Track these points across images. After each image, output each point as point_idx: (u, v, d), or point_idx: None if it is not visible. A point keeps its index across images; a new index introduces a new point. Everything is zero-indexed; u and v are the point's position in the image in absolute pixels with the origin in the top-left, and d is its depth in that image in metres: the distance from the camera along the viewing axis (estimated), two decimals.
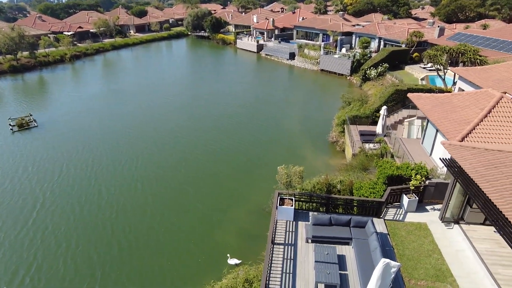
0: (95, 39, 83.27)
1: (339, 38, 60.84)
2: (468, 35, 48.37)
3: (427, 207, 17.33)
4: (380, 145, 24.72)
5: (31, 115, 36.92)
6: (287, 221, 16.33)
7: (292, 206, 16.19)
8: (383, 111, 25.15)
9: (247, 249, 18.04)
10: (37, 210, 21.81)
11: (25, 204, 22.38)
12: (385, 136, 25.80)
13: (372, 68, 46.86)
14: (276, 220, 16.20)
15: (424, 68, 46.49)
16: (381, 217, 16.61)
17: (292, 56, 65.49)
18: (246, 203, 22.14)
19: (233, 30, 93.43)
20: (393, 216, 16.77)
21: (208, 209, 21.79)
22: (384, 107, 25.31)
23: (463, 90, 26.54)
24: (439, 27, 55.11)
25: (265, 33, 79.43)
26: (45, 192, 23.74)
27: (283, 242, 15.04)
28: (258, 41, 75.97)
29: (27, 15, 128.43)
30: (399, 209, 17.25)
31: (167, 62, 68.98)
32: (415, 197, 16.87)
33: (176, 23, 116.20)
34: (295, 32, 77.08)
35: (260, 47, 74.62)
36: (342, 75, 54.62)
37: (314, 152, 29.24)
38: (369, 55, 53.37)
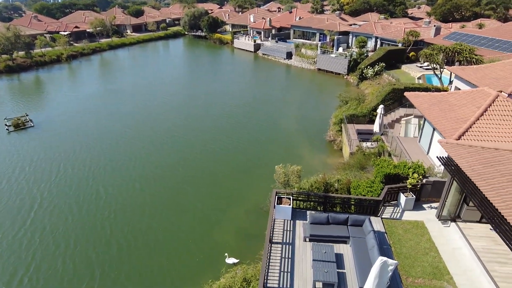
0: (92, 39, 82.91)
1: (336, 38, 61.00)
2: (464, 34, 48.62)
3: (424, 205, 17.41)
4: (377, 143, 24.78)
5: (27, 115, 36.72)
6: (285, 220, 16.34)
7: (290, 205, 16.21)
8: (380, 110, 25.22)
9: (245, 248, 18.07)
10: (35, 210, 21.72)
11: (22, 204, 22.28)
12: (382, 134, 25.87)
13: (369, 67, 47.02)
14: (274, 219, 16.21)
15: (420, 67, 46.66)
16: (378, 215, 16.67)
17: (289, 55, 65.56)
18: (244, 203, 22.17)
19: (230, 30, 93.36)
20: (390, 215, 16.83)
21: (206, 208, 21.79)
22: (381, 106, 25.38)
23: (459, 89, 26.66)
24: (435, 26, 55.35)
25: (262, 32, 79.43)
26: (42, 192, 23.65)
27: (281, 241, 15.05)
28: (255, 41, 75.95)
29: (23, 14, 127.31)
30: (396, 208, 17.32)
31: (164, 62, 68.79)
32: (412, 196, 16.94)
33: (173, 22, 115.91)
34: (292, 32, 77.12)
35: (257, 47, 74.62)
36: (339, 74, 54.74)
37: (311, 151, 29.30)
38: (365, 54, 53.47)
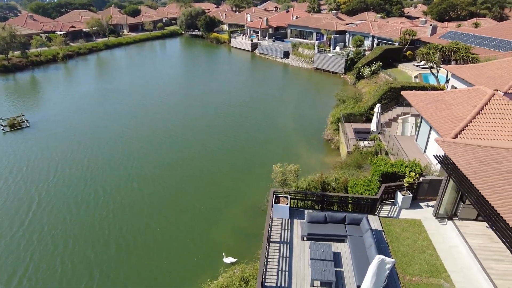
0: (88, 38, 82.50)
1: (332, 37, 61.03)
2: (460, 33, 48.80)
3: (421, 203, 17.49)
4: (375, 142, 24.86)
5: (23, 115, 36.50)
6: (282, 219, 16.37)
7: (288, 204, 16.24)
8: (377, 108, 25.27)
9: (243, 247, 18.05)
10: (33, 210, 21.62)
11: (20, 205, 22.17)
12: (379, 133, 25.94)
13: (366, 66, 47.12)
14: (272, 218, 16.23)
15: (417, 66, 46.81)
16: (375, 214, 16.73)
17: (286, 54, 65.56)
18: (242, 202, 22.17)
19: (227, 29, 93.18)
20: (387, 213, 16.89)
21: (204, 207, 21.77)
22: (378, 105, 25.43)
23: (455, 88, 26.78)
24: (431, 25, 55.49)
25: (259, 32, 79.38)
26: (40, 192, 23.54)
27: (278, 240, 15.07)
28: (252, 40, 75.92)
29: (18, 14, 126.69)
30: (393, 206, 17.38)
31: (161, 61, 68.60)
32: (409, 194, 17.02)
33: (170, 22, 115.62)
34: (289, 31, 77.12)
35: (254, 46, 74.57)
36: (336, 73, 54.82)
37: (309, 150, 29.33)
38: (362, 53, 53.61)
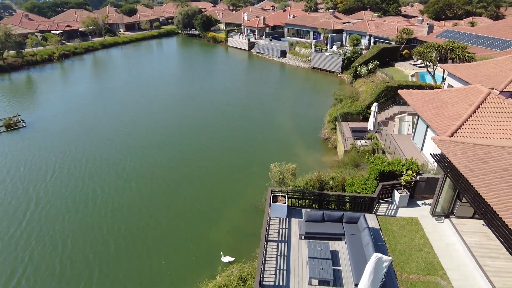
0: (84, 38, 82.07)
1: (329, 36, 61.11)
2: (456, 32, 48.98)
3: (418, 202, 17.57)
4: (372, 141, 24.93)
5: (19, 115, 36.28)
6: (280, 218, 16.39)
7: (285, 203, 16.25)
8: (374, 107, 25.34)
9: (241, 246, 18.06)
10: (31, 210, 21.52)
11: (18, 205, 22.07)
12: (376, 132, 26.02)
13: (363, 65, 47.19)
14: (270, 217, 16.25)
15: (414, 65, 46.98)
16: (373, 212, 16.79)
17: (283, 54, 65.56)
18: (240, 201, 22.17)
19: (224, 28, 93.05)
20: (385, 212, 16.96)
21: (202, 207, 21.76)
22: (375, 104, 25.50)
23: (452, 86, 26.90)
24: (428, 24, 55.69)
25: (256, 31, 79.30)
26: (38, 192, 23.44)
27: (276, 239, 15.10)
28: (249, 39, 75.83)
29: (13, 13, 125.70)
30: (390, 205, 17.45)
31: (158, 61, 68.36)
32: (406, 193, 17.09)
33: (167, 21, 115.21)
34: (286, 30, 77.12)
35: (251, 45, 74.51)
36: (333, 72, 54.89)
37: (306, 149, 29.37)
38: (359, 52, 53.70)
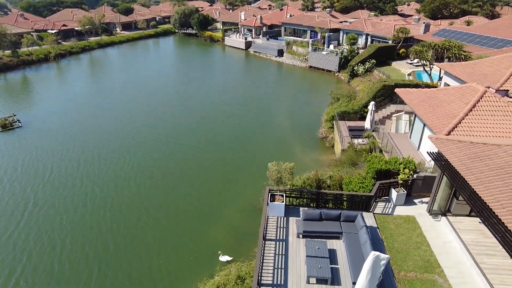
0: (80, 37, 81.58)
1: (326, 35, 61.18)
2: (452, 31, 49.19)
3: (415, 200, 17.65)
4: (369, 140, 25.00)
5: (14, 115, 36.00)
6: (278, 217, 16.41)
7: (283, 202, 16.27)
8: (371, 106, 25.41)
9: (239, 246, 18.10)
10: (29, 210, 21.43)
11: (16, 205, 21.96)
12: (373, 131, 26.09)
13: (360, 64, 47.30)
14: (267, 216, 16.26)
15: (410, 63, 47.15)
16: (370, 211, 16.85)
17: (280, 53, 65.56)
18: (238, 200, 22.19)
19: (221, 27, 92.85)
20: (382, 210, 17.02)
21: (201, 206, 21.76)
22: (372, 103, 25.56)
23: (448, 85, 27.03)
24: (424, 23, 55.91)
25: (253, 30, 79.22)
26: (36, 192, 23.35)
27: (274, 238, 15.12)
28: (246, 38, 75.76)
29: (8, 13, 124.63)
30: (388, 203, 17.52)
31: (155, 60, 68.12)
32: (404, 191, 17.16)
33: (163, 20, 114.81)
34: (283, 29, 77.07)
35: (248, 44, 74.43)
36: (330, 71, 54.97)
37: (304, 149, 29.41)
38: (356, 51, 53.78)
